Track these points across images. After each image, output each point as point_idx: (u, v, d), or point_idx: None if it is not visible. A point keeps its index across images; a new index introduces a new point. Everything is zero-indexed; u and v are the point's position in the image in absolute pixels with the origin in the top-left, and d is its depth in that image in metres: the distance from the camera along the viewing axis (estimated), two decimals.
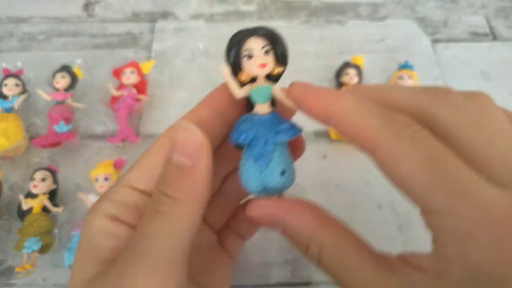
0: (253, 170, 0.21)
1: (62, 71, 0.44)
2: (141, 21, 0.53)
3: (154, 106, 0.45)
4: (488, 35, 0.53)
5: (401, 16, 0.54)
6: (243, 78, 0.22)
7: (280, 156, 0.21)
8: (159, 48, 0.50)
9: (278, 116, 0.22)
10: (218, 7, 0.55)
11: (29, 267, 0.33)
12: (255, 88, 0.22)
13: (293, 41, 0.51)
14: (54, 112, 0.41)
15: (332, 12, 0.55)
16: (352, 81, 0.45)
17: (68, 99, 0.43)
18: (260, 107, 0.22)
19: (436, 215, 0.16)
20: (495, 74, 0.49)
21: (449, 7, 0.55)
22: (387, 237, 0.38)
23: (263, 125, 0.21)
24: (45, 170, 0.38)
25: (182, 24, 0.53)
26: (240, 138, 0.21)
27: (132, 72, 0.44)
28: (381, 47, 0.51)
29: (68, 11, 0.54)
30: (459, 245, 0.15)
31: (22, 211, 0.36)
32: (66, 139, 0.40)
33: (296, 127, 0.22)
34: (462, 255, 0.15)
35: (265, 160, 0.21)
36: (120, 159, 0.38)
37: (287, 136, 0.21)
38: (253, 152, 0.21)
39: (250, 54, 0.22)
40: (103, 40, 0.51)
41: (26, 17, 0.53)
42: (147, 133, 0.44)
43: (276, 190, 0.21)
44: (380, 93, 0.20)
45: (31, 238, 0.34)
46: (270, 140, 0.21)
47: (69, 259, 0.33)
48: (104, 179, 0.37)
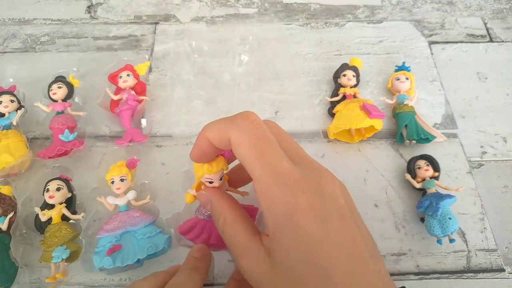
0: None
1: (58, 82, 0.43)
2: (143, 23, 0.54)
3: (156, 106, 0.46)
4: (485, 36, 0.53)
5: (399, 18, 0.55)
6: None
7: None
8: (160, 50, 0.51)
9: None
10: (218, 10, 0.55)
11: (59, 276, 0.33)
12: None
13: (292, 43, 0.52)
14: (56, 123, 0.41)
15: (331, 14, 0.55)
16: (350, 82, 0.45)
17: (67, 108, 0.43)
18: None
19: (256, 181, 0.25)
20: (492, 75, 0.50)
21: (446, 9, 0.56)
22: (384, 235, 0.38)
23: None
24: (57, 180, 0.37)
25: (183, 27, 0.53)
26: None
27: (128, 75, 0.44)
28: (378, 49, 0.52)
29: (71, 13, 0.55)
30: (265, 198, 0.24)
31: (40, 223, 0.36)
32: (73, 147, 0.40)
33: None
34: (266, 205, 0.24)
35: None
36: (132, 159, 0.38)
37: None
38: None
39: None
40: (105, 42, 0.52)
41: (29, 19, 0.54)
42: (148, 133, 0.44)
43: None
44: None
45: (58, 248, 0.34)
46: None
47: (98, 262, 0.33)
48: (120, 180, 0.37)
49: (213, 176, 0.30)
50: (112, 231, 0.35)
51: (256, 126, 0.26)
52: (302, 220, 0.23)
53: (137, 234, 0.35)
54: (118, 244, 0.34)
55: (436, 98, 0.47)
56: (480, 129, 0.45)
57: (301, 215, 0.23)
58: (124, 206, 0.37)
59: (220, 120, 0.27)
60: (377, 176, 0.42)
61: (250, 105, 0.46)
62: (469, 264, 0.37)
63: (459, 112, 0.47)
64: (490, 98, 0.48)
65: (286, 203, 0.24)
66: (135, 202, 0.37)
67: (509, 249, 0.38)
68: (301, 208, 0.23)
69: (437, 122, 0.46)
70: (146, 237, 0.35)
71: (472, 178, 0.42)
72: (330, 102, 0.46)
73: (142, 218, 0.36)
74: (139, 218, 0.36)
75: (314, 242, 0.23)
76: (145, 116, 0.45)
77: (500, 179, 0.42)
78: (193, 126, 0.45)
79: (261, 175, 0.24)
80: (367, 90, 0.48)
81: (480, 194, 0.41)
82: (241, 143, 0.25)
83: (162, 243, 0.35)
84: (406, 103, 0.44)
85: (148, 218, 0.36)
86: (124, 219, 0.36)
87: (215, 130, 0.26)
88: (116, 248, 0.33)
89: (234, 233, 0.27)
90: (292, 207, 0.23)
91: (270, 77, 0.49)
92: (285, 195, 0.24)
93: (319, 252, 0.23)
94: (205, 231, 0.34)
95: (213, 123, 0.27)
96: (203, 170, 0.30)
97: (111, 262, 0.33)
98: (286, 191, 0.24)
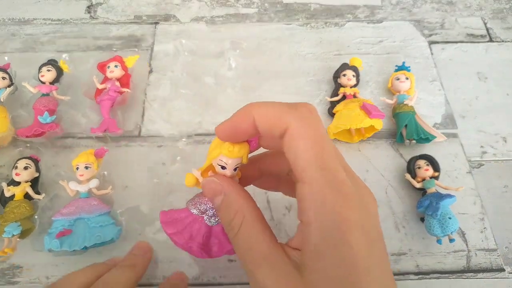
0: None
1: (48, 65, 0.45)
2: (143, 23, 0.54)
3: (156, 106, 0.46)
4: (485, 36, 0.53)
5: (398, 18, 0.55)
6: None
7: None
8: (160, 50, 0.51)
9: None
10: (218, 10, 0.55)
11: (9, 251, 0.35)
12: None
13: (292, 43, 0.52)
14: (39, 104, 0.43)
15: (331, 14, 0.55)
16: (350, 82, 0.45)
17: (53, 91, 0.44)
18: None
19: (306, 184, 0.21)
20: (492, 75, 0.50)
21: (446, 9, 0.56)
22: (384, 235, 0.38)
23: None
24: (27, 159, 0.39)
25: (183, 27, 0.53)
26: None
27: (115, 66, 0.45)
28: (378, 48, 0.52)
29: (71, 13, 0.55)
30: (318, 208, 0.21)
31: (5, 198, 0.37)
32: (49, 129, 0.41)
33: None
34: (319, 216, 0.21)
35: None
36: (101, 149, 0.39)
37: None
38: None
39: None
40: (105, 42, 0.52)
41: (29, 19, 0.54)
42: (148, 133, 0.44)
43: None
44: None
45: (12, 224, 0.35)
46: None
47: (48, 243, 0.35)
48: (85, 167, 0.38)
49: (230, 161, 0.25)
50: (67, 215, 0.36)
51: (319, 122, 0.23)
52: (353, 239, 0.21)
53: (90, 221, 0.36)
54: (68, 229, 0.35)
55: (436, 98, 0.47)
56: (480, 129, 0.45)
57: (352, 233, 0.21)
58: (85, 193, 0.38)
59: (274, 103, 0.23)
60: (377, 176, 0.42)
61: None
62: (469, 264, 0.37)
63: (459, 112, 0.47)
64: (490, 98, 0.48)
65: (340, 217, 0.21)
66: (96, 190, 0.38)
67: (509, 249, 0.38)
68: (353, 225, 0.21)
69: (437, 122, 0.46)
70: (98, 225, 0.36)
71: (472, 178, 0.42)
72: (330, 102, 0.46)
73: (98, 207, 0.37)
74: (96, 207, 0.37)
75: (361, 265, 0.20)
76: (143, 115, 0.45)
77: (500, 179, 0.42)
78: (193, 126, 0.45)
79: (317, 178, 0.21)
80: (367, 90, 0.48)
81: (480, 194, 0.41)
82: (301, 136, 0.22)
83: (112, 234, 0.36)
84: (406, 103, 0.44)
85: (104, 208, 0.37)
86: (81, 205, 0.37)
87: (269, 112, 0.23)
88: (66, 233, 0.35)
89: (254, 237, 0.23)
90: (344, 223, 0.21)
91: (270, 77, 0.49)
92: (340, 208, 0.21)
93: (362, 277, 0.20)
94: (188, 229, 0.28)
95: (266, 104, 0.23)
96: (222, 149, 0.25)
97: (58, 245, 0.34)
98: (341, 204, 0.21)
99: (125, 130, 0.44)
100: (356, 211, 0.21)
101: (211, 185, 0.25)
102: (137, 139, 0.44)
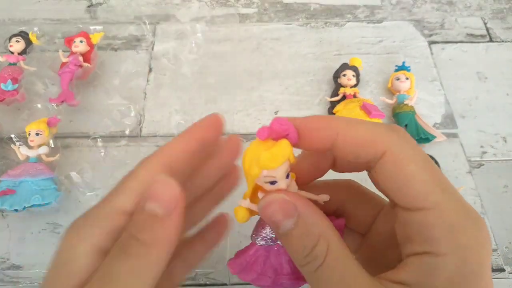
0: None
1: (18, 36, 0.48)
2: (143, 23, 0.54)
3: (155, 106, 0.46)
4: (485, 36, 0.53)
5: (398, 18, 0.55)
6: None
7: None
8: (160, 50, 0.51)
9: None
10: (218, 10, 0.55)
11: None
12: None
13: (292, 43, 0.52)
14: (4, 72, 0.45)
15: (331, 14, 0.55)
16: (350, 82, 0.45)
17: (20, 62, 0.47)
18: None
19: (431, 210, 0.18)
20: (492, 75, 0.50)
21: (446, 9, 0.56)
22: None
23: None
24: None
25: (183, 27, 0.53)
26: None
27: (81, 41, 0.47)
28: (378, 48, 0.52)
29: (71, 13, 0.55)
30: (452, 235, 0.18)
31: None
32: (10, 96, 0.44)
33: None
34: (455, 245, 0.18)
35: None
36: (53, 118, 0.42)
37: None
38: None
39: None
40: (105, 42, 0.52)
41: (28, 19, 0.54)
42: (148, 133, 0.44)
43: None
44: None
45: None
46: None
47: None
48: (36, 134, 0.40)
49: (277, 171, 0.19)
50: (13, 176, 0.39)
51: (417, 144, 0.20)
52: (487, 271, 0.18)
53: (33, 184, 0.38)
54: (12, 189, 0.38)
55: (436, 98, 0.47)
56: (480, 129, 0.45)
57: (488, 264, 0.18)
58: (34, 158, 0.40)
59: (361, 122, 0.20)
60: None
61: (250, 105, 0.46)
62: None
63: (459, 112, 0.47)
64: (490, 98, 0.48)
65: (477, 246, 0.18)
66: (45, 157, 0.41)
67: (509, 249, 0.38)
68: (488, 254, 0.18)
69: (437, 122, 0.46)
70: (39, 188, 0.38)
71: (472, 178, 0.42)
72: (330, 102, 0.46)
73: (43, 171, 0.39)
74: (41, 171, 0.39)
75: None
76: (144, 115, 0.45)
77: (500, 179, 0.42)
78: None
79: (443, 203, 0.18)
80: (367, 90, 0.48)
81: (480, 194, 0.41)
82: (411, 159, 0.19)
83: (52, 198, 0.38)
84: (406, 103, 0.44)
85: (49, 173, 0.39)
86: (27, 168, 0.39)
87: (359, 132, 0.19)
88: (8, 192, 0.37)
89: (347, 270, 0.18)
90: (482, 251, 0.18)
91: (270, 77, 0.49)
92: (475, 236, 0.18)
93: None
94: (268, 266, 0.22)
95: (353, 123, 0.20)
96: (260, 165, 0.19)
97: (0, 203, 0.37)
98: (475, 231, 0.18)
99: (125, 130, 0.44)
100: (488, 238, 0.18)
101: (278, 205, 0.19)
102: (137, 139, 0.44)
